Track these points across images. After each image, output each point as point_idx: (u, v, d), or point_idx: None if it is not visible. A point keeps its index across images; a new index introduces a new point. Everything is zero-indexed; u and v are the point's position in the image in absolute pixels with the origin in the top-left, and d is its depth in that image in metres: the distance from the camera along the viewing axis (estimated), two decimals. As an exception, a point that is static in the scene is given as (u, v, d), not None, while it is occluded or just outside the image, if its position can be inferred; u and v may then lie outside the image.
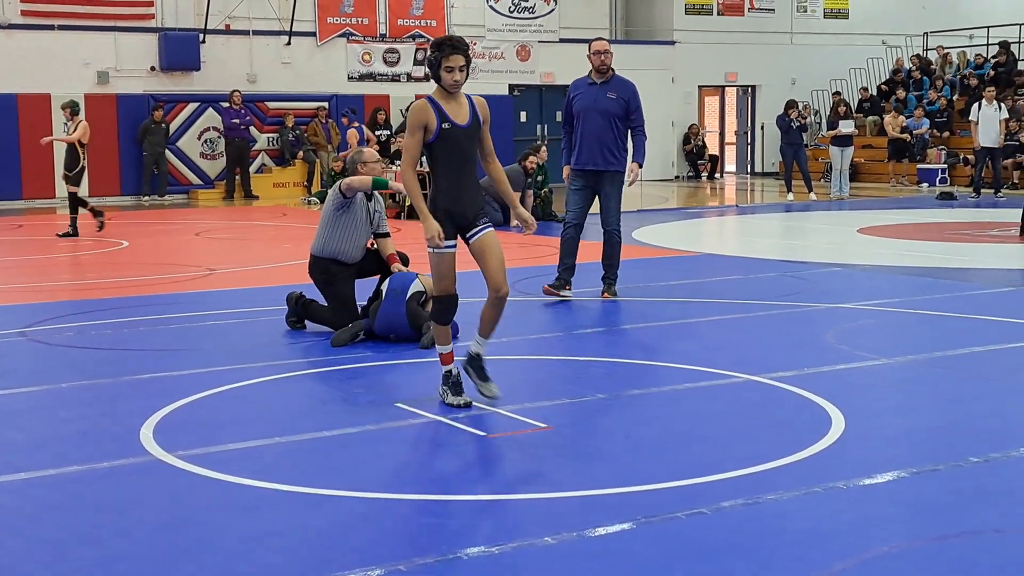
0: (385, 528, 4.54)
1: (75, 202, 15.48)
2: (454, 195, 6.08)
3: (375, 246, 8.69)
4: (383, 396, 6.66)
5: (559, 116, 16.46)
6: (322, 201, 13.64)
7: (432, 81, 6.11)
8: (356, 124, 21.86)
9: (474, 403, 6.18)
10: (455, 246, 6.09)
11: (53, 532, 4.53)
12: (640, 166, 10.08)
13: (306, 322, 8.64)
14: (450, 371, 6.19)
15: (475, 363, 6.16)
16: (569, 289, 9.75)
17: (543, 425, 5.90)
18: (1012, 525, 4.50)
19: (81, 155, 15.51)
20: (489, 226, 6.16)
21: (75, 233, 15.34)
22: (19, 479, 5.16)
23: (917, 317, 9.15)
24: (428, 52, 6.11)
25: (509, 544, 4.30)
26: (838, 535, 4.36)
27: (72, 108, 15.81)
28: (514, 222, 6.53)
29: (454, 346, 6.29)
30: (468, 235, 6.11)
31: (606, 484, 4.98)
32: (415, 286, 8.12)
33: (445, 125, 5.98)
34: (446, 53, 5.95)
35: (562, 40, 27.17)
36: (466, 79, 6.04)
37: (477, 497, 4.90)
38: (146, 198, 23.23)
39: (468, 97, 6.14)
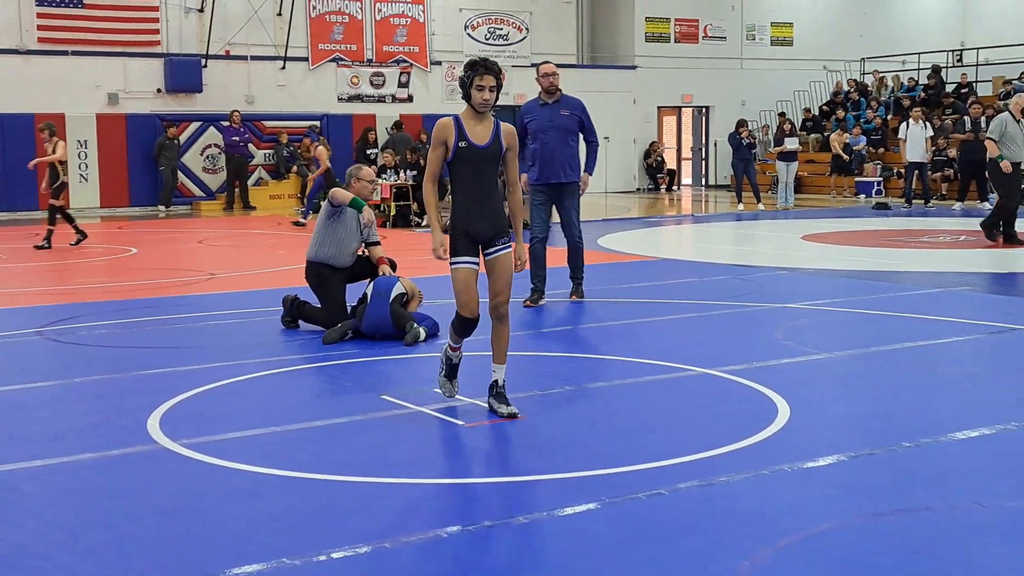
0: (372, 509, 4.54)
1: (53, 214, 15.26)
2: (468, 214, 5.75)
3: (366, 253, 8.73)
4: (369, 389, 6.65)
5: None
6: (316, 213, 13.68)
7: (463, 100, 5.75)
8: (318, 143, 20.50)
9: (471, 401, 6.18)
10: (474, 263, 5.76)
11: (68, 515, 4.52)
12: (590, 175, 9.92)
13: (300, 322, 8.65)
14: (450, 358, 5.97)
15: (492, 390, 5.89)
16: (544, 299, 9.69)
17: (516, 414, 5.89)
18: (940, 504, 4.54)
19: (60, 172, 15.38)
20: (507, 248, 5.80)
21: (48, 246, 14.98)
22: (37, 466, 5.15)
23: (855, 316, 9.20)
24: (462, 72, 5.79)
25: (484, 523, 4.31)
26: (783, 514, 4.39)
27: (50, 130, 15.57)
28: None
29: (427, 343, 6.30)
30: (487, 252, 5.79)
31: (573, 468, 4.99)
32: (397, 288, 8.18)
33: (462, 144, 5.68)
34: (479, 72, 5.65)
35: (533, 64, 26.95)
36: (495, 100, 5.70)
37: (455, 481, 4.91)
38: (165, 208, 23.10)
39: (497, 122, 5.80)
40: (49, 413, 6.22)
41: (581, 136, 9.80)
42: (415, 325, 7.96)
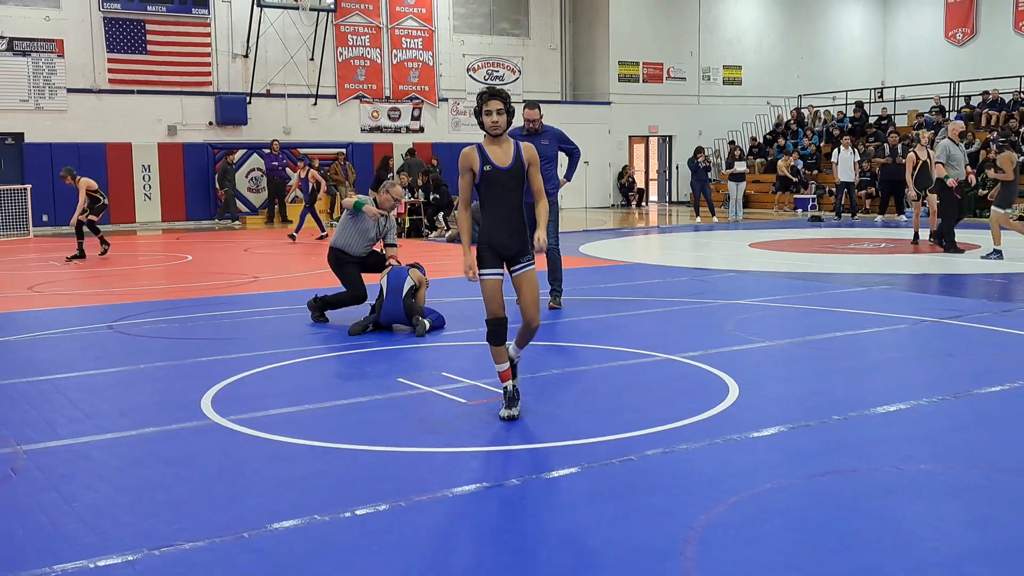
0: (389, 473, 4.53)
1: (94, 227, 15.04)
2: (495, 230, 5.39)
3: (383, 251, 8.95)
4: (387, 374, 6.64)
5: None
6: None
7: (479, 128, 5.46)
8: (309, 168, 19.26)
9: (473, 383, 6.17)
10: (499, 274, 5.39)
11: (133, 480, 4.51)
12: (568, 180, 9.63)
13: (326, 315, 8.66)
14: (506, 387, 5.44)
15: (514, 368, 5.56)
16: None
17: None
18: (864, 467, 4.54)
19: (101, 197, 15.17)
20: (530, 265, 5.41)
21: (82, 255, 14.78)
22: (107, 439, 5.14)
23: (794, 310, 9.21)
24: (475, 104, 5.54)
25: (484, 484, 4.31)
26: (733, 475, 4.39)
27: (71, 173, 15.12)
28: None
29: (437, 334, 6.26)
30: (512, 268, 5.42)
31: (558, 439, 4.99)
32: (408, 282, 8.17)
33: (487, 168, 5.35)
34: (485, 100, 5.38)
35: (523, 101, 27.08)
36: (507, 123, 5.36)
37: (459, 449, 4.90)
38: (236, 222, 23.11)
39: (516, 144, 5.44)
40: (117, 394, 6.20)
41: (563, 155, 9.51)
42: (421, 319, 7.97)
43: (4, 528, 3.86)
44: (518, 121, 8.87)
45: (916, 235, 15.74)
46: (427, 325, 7.95)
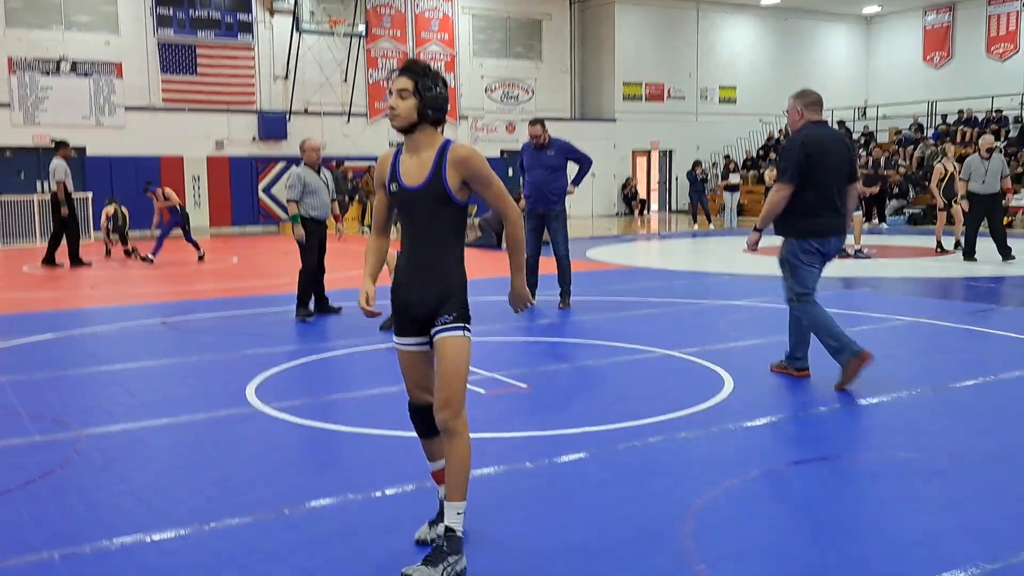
0: (415, 457, 4.53)
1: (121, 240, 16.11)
2: (403, 277, 3.30)
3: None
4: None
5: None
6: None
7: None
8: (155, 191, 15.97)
9: (491, 375, 6.15)
10: (413, 344, 3.35)
11: (184, 459, 4.53)
12: (576, 186, 9.47)
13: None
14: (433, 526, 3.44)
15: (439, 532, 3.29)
16: (534, 299, 9.44)
17: (524, 385, 5.90)
18: (848, 454, 4.53)
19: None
20: (451, 328, 3.18)
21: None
22: (159, 424, 5.16)
23: (783, 311, 9.12)
24: None
25: (502, 467, 4.30)
26: (728, 460, 4.37)
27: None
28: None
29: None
30: (432, 332, 3.25)
31: (567, 427, 4.98)
32: None
33: (392, 186, 3.28)
34: (393, 76, 3.31)
35: (529, 120, 27.09)
36: (410, 110, 3.23)
37: (478, 435, 4.89)
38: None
39: (443, 150, 3.23)
40: (169, 383, 6.23)
41: (572, 165, 9.42)
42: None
43: (66, 504, 3.88)
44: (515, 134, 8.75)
45: (939, 244, 15.00)
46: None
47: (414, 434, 3.60)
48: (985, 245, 13.15)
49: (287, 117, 23.95)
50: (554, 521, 3.67)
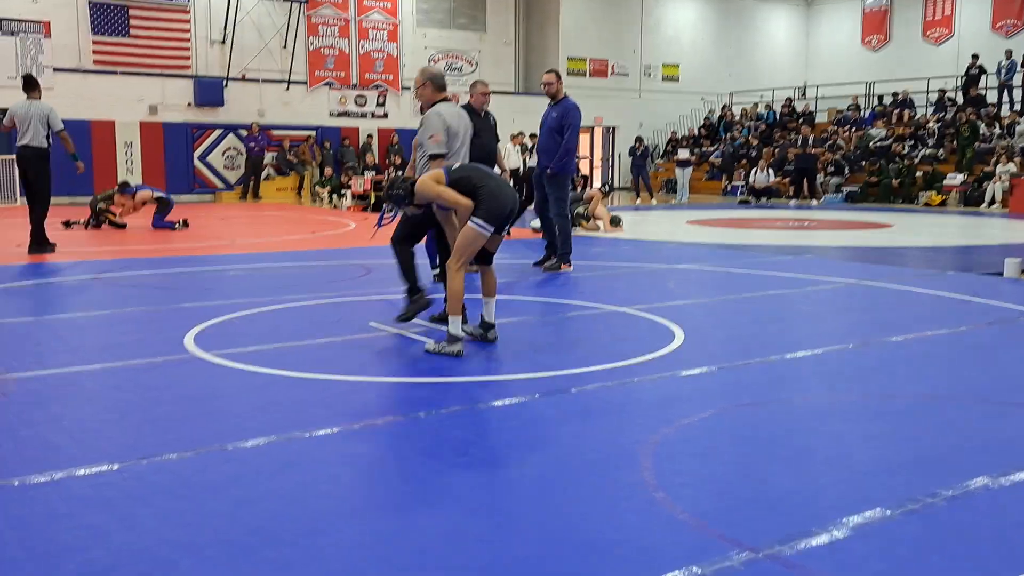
0: (365, 398, 4.41)
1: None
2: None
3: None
4: (361, 318, 6.49)
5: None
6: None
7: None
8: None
9: (442, 328, 6.06)
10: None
11: (117, 402, 4.34)
12: (551, 167, 9.12)
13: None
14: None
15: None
16: (570, 265, 9.24)
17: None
18: (797, 396, 4.53)
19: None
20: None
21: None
22: (94, 369, 4.94)
23: (728, 274, 9.21)
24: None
25: (452, 407, 4.21)
26: (679, 403, 4.35)
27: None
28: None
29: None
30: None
31: (520, 372, 4.91)
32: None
33: None
34: None
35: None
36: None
37: (430, 379, 4.78)
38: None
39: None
40: (103, 332, 5.99)
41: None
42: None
43: (-7, 442, 3.67)
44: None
45: None
46: None
47: (354, 378, 3.49)
48: None
49: (224, 83, 23.32)
50: (508, 454, 3.59)
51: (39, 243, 10.40)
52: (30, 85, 10.68)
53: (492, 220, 5.18)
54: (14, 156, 19.44)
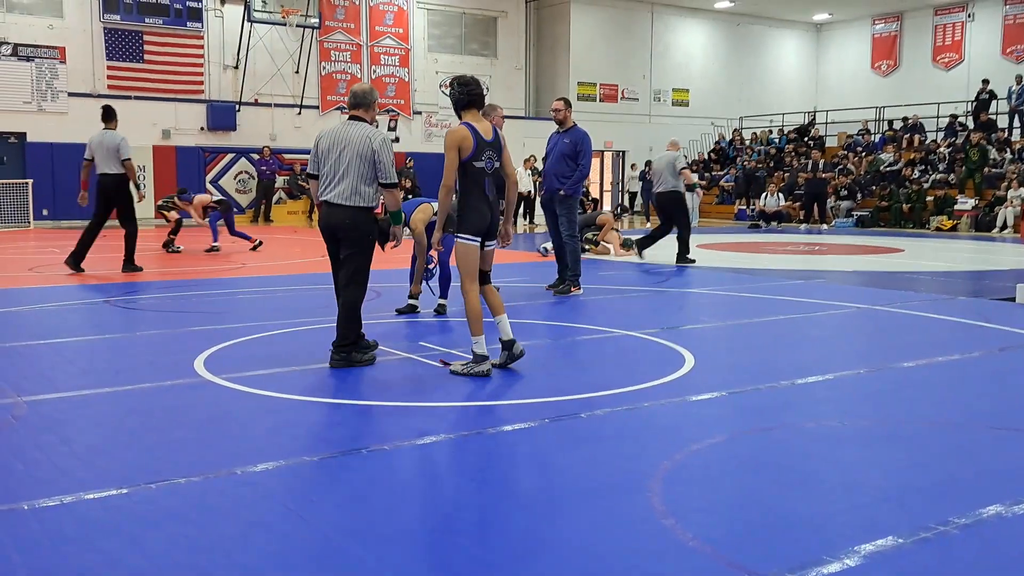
0: (374, 423, 4.41)
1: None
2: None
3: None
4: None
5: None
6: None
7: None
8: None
9: (448, 350, 6.04)
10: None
11: (128, 425, 4.35)
12: (562, 189, 9.32)
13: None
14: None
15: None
16: (579, 288, 9.34)
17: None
18: (809, 422, 4.51)
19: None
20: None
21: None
22: (103, 392, 4.96)
23: (739, 298, 9.20)
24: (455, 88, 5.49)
25: (462, 432, 4.20)
26: (690, 428, 4.33)
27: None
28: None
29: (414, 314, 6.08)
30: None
31: (530, 397, 4.91)
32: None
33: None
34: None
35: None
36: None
37: (441, 404, 4.78)
38: None
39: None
40: (114, 356, 6.02)
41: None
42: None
43: (4, 464, 3.68)
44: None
45: None
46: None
47: (363, 402, 3.51)
48: None
49: (236, 107, 23.53)
50: (519, 480, 3.58)
51: (130, 262, 11.11)
52: (107, 116, 11.46)
53: (474, 231, 5.43)
54: (30, 181, 19.70)
